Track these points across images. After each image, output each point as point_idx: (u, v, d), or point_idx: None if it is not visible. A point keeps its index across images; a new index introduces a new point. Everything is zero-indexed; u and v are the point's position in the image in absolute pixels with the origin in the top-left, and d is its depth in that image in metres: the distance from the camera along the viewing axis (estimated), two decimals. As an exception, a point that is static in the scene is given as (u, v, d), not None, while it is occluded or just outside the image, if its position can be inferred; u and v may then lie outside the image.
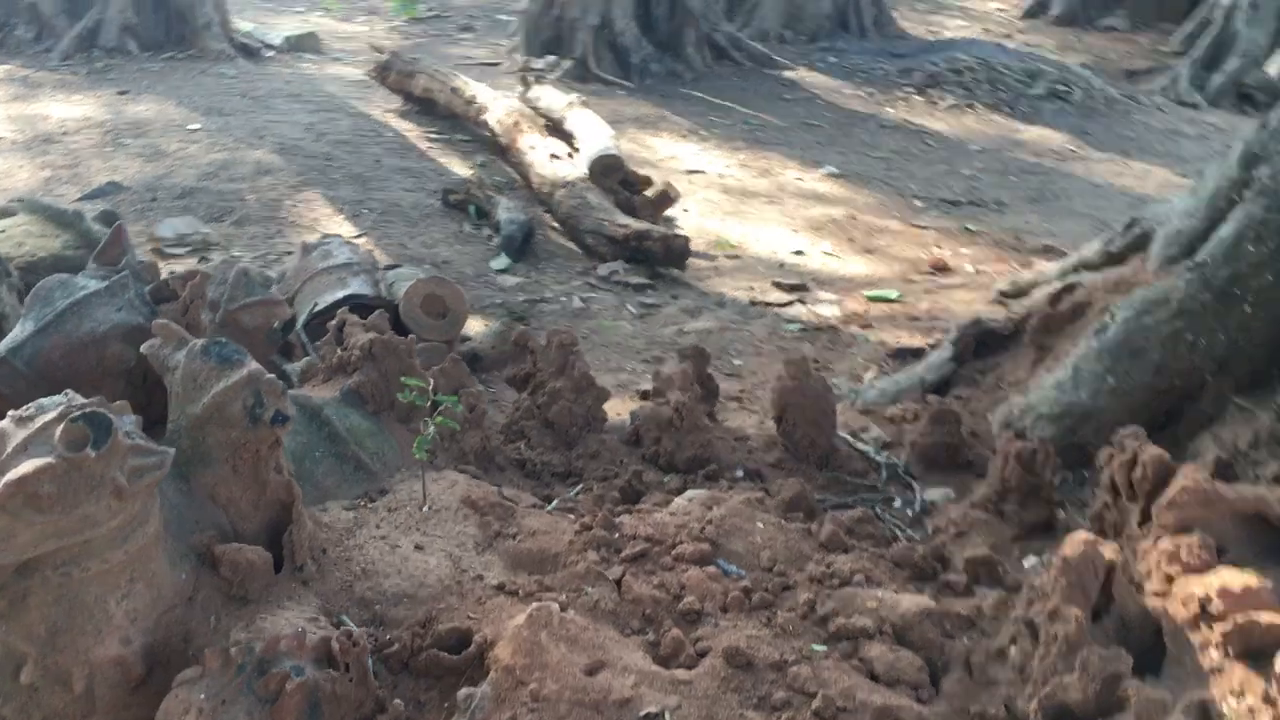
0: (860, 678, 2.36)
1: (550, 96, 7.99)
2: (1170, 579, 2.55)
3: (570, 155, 7.19)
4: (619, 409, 3.88)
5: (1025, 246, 6.97)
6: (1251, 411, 3.22)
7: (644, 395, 4.15)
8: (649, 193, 6.81)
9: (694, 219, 7.16)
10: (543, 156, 7.06)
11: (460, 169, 7.58)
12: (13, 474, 2.15)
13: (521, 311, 5.44)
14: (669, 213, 6.99)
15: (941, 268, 6.42)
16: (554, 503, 3.07)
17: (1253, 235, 3.24)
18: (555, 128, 7.72)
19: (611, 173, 6.71)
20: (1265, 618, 2.32)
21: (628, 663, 2.36)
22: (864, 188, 8.15)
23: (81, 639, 2.31)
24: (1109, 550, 2.42)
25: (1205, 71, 11.75)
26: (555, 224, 6.69)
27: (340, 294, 3.92)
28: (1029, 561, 2.94)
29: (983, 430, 3.57)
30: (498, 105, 7.84)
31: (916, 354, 4.57)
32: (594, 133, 7.33)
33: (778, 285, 5.89)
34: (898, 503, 3.28)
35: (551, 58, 10.57)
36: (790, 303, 5.61)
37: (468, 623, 2.48)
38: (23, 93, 8.51)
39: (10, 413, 2.26)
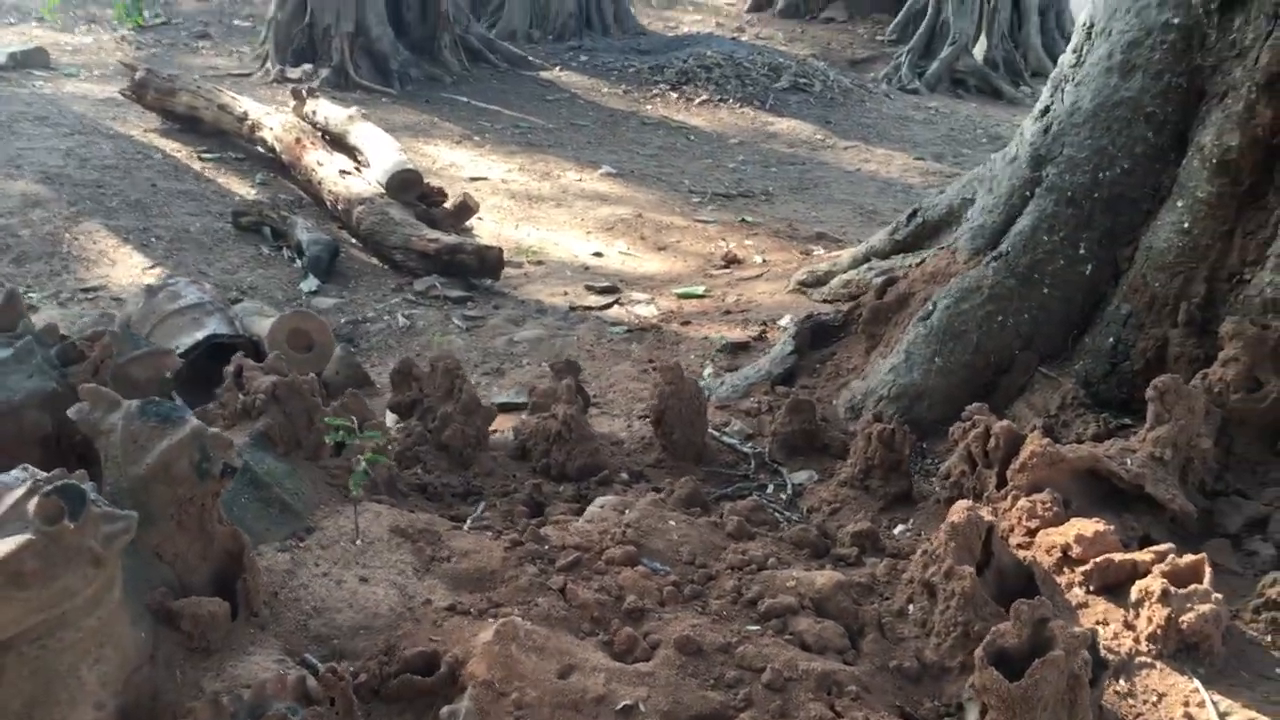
0: (796, 650, 2.66)
1: (327, 110, 7.90)
2: (1031, 532, 2.99)
3: (358, 170, 7.17)
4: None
5: (800, 235, 7.50)
6: (1056, 380, 3.74)
7: (503, 408, 4.31)
8: (448, 204, 6.90)
9: (488, 226, 7.31)
10: (333, 173, 7.00)
11: (240, 189, 7.40)
12: (-3, 555, 2.13)
13: (347, 334, 5.45)
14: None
15: (733, 260, 6.86)
16: (468, 522, 3.20)
17: (1046, 226, 3.76)
18: (337, 142, 7.65)
19: (410, 187, 6.76)
20: (1117, 557, 2.79)
21: (594, 663, 2.56)
22: (642, 186, 8.51)
23: (57, 709, 2.30)
24: (986, 513, 2.82)
25: (922, 60, 12.85)
26: (354, 241, 6.69)
27: (199, 335, 3.86)
28: (898, 529, 3.33)
29: (830, 415, 3.95)
30: (273, 121, 7.69)
31: (743, 347, 4.94)
32: (380, 146, 7.33)
33: (590, 289, 6.14)
34: (769, 488, 3.60)
35: (308, 66, 10.39)
36: (607, 305, 5.87)
37: (431, 645, 2.61)
38: None
39: (-28, 494, 2.22)
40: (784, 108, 10.87)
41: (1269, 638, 2.70)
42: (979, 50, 12.90)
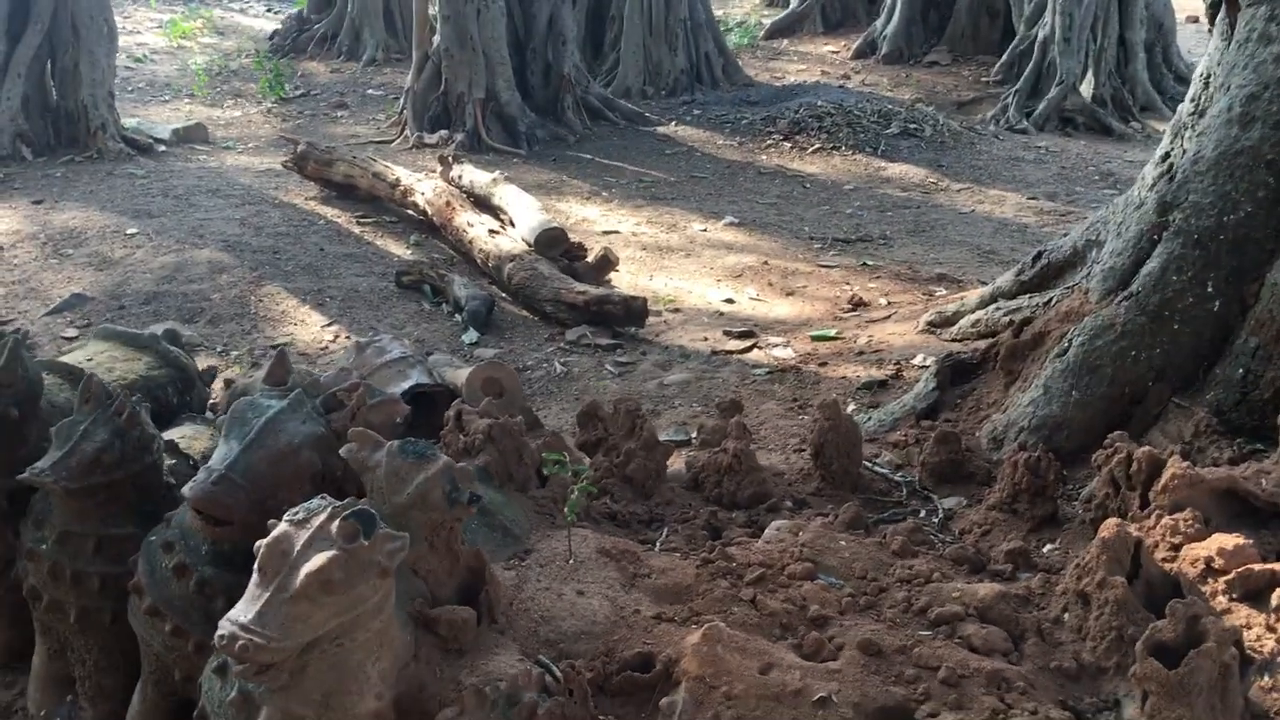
0: (966, 651, 3.01)
1: (472, 174, 8.50)
2: (1175, 547, 3.30)
3: (504, 229, 7.72)
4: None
5: (921, 277, 7.83)
6: (1189, 409, 4.03)
7: (678, 444, 4.75)
8: (590, 259, 7.40)
9: (625, 277, 7.78)
10: (483, 233, 7.57)
11: (397, 250, 8.02)
12: (310, 566, 2.61)
13: (510, 381, 5.94)
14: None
15: (859, 303, 7.21)
16: (657, 545, 3.62)
17: (1175, 267, 4.07)
18: (482, 203, 8.24)
19: (556, 244, 7.28)
20: (1257, 567, 3.08)
21: (789, 661, 2.94)
22: (765, 234, 8.93)
23: (348, 699, 2.76)
24: (1134, 530, 3.15)
25: (1029, 99, 13.07)
26: (505, 295, 7.21)
27: (405, 385, 4.37)
28: (1046, 548, 3.66)
29: (973, 445, 4.29)
30: (424, 186, 8.32)
31: (882, 385, 5.30)
32: (523, 206, 7.88)
33: (728, 334, 6.56)
34: (922, 513, 3.95)
35: (444, 131, 11.07)
36: (747, 349, 6.28)
37: (646, 647, 3.03)
38: (-65, 209, 8.53)
39: (286, 517, 2.70)
40: (895, 153, 11.20)
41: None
42: (1086, 88, 13.09)
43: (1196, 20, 16.55)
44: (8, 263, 7.36)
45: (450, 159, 8.69)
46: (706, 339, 6.54)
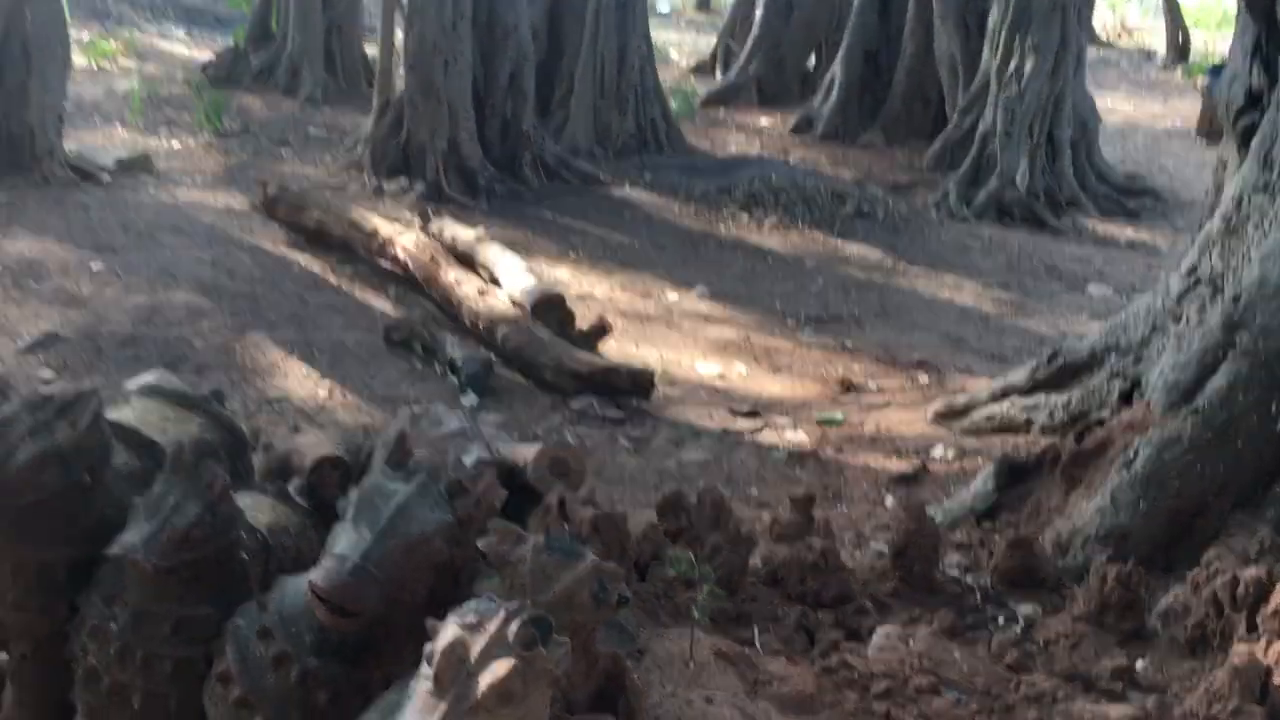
0: (1112, 776, 2.99)
1: (454, 229, 8.34)
2: (1290, 672, 3.35)
3: (490, 289, 7.57)
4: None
5: (900, 361, 7.94)
6: (1251, 524, 4.14)
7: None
8: (585, 326, 7.30)
9: (611, 345, 7.69)
10: (472, 291, 7.41)
11: (378, 302, 7.80)
12: (492, 677, 2.44)
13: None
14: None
15: (849, 386, 7.27)
16: (759, 647, 3.53)
17: (1241, 387, 4.20)
18: (463, 259, 8.07)
19: (553, 308, 7.16)
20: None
21: (943, 786, 2.88)
22: (738, 307, 8.96)
23: (504, 820, 2.59)
24: (1270, 657, 3.19)
25: (970, 188, 13.46)
26: (496, 358, 7.03)
27: (467, 460, 4.20)
28: (1139, 664, 3.68)
29: (1038, 551, 4.32)
30: (405, 239, 8.11)
31: (913, 480, 5.33)
32: (509, 266, 7.75)
33: (734, 413, 6.53)
34: (1000, 620, 3.95)
35: (403, 180, 10.85)
36: (758, 430, 6.25)
37: (792, 767, 2.92)
38: (-128, 231, 7.98)
39: (453, 619, 2.53)
40: (851, 233, 11.39)
41: None
42: (1021, 181, 13.54)
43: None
44: (-35, 294, 6.92)
45: (429, 211, 8.50)
46: (712, 416, 6.49)
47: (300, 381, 6.30)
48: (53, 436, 3.16)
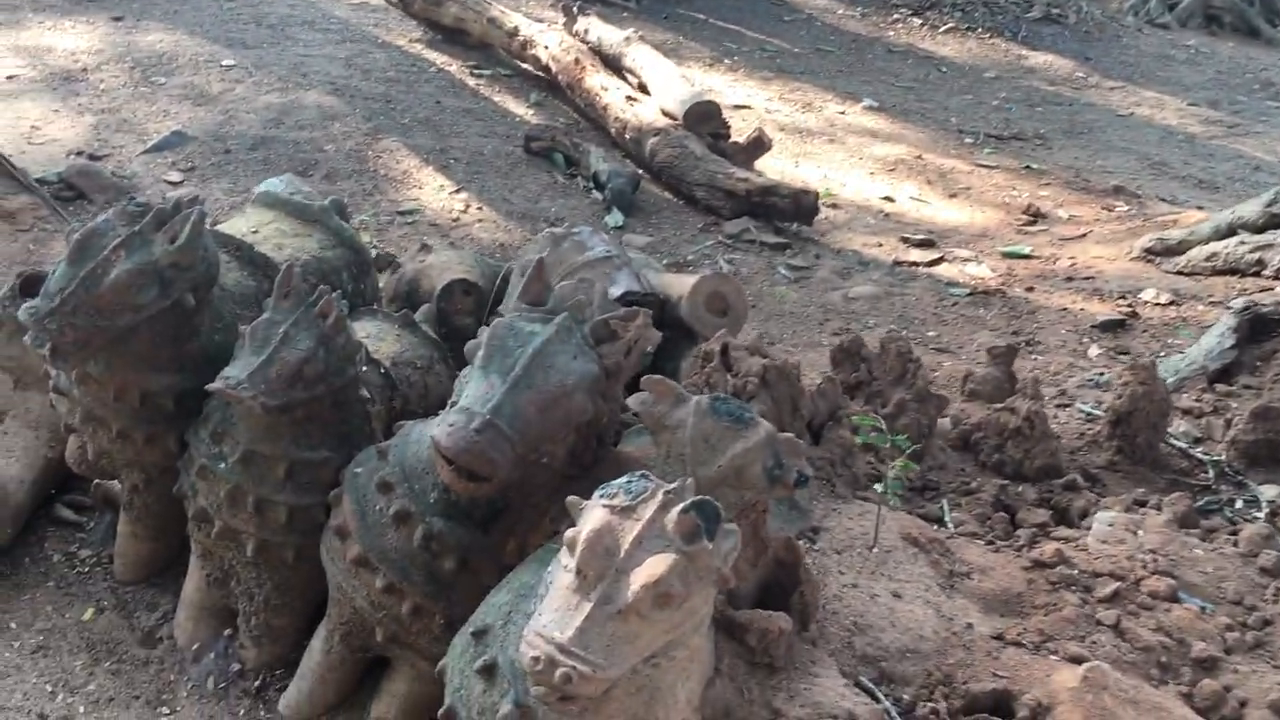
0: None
1: (600, 29, 7.63)
2: None
3: (640, 96, 6.91)
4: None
5: (1094, 188, 7.06)
6: None
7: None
8: (742, 139, 6.62)
9: (769, 162, 7.00)
10: (619, 99, 6.77)
11: (517, 109, 7.22)
12: (646, 575, 1.98)
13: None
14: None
15: (1036, 214, 6.48)
16: (949, 525, 3.01)
17: None
18: (610, 63, 7.40)
19: (709, 119, 6.49)
20: None
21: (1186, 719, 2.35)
22: (909, 123, 8.11)
23: (653, 728, 2.18)
24: None
25: (1173, -8, 12.01)
26: (644, 173, 6.44)
27: (614, 293, 3.70)
28: None
29: None
30: (548, 39, 7.46)
31: (1120, 326, 4.63)
32: (662, 72, 7.05)
33: (906, 241, 5.85)
34: (1238, 503, 3.34)
35: (550, -26, 10.08)
36: (934, 261, 5.58)
37: (999, 682, 2.43)
38: (5, 19, 7.68)
39: (599, 499, 2.06)
40: (1037, 40, 10.26)
41: None
42: (1235, -16, 12.01)
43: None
44: (95, 87, 6.58)
45: (575, 10, 7.80)
46: (881, 244, 5.82)
47: (434, 193, 5.83)
48: (149, 252, 2.77)
